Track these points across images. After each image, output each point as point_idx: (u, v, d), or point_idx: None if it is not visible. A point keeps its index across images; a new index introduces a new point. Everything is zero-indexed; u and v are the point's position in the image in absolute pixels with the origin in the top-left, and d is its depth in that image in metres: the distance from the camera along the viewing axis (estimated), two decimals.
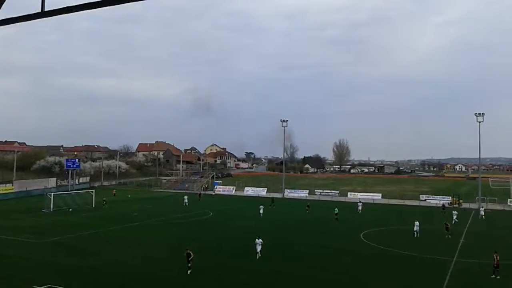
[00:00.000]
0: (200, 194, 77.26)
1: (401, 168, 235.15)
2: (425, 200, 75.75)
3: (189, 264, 25.36)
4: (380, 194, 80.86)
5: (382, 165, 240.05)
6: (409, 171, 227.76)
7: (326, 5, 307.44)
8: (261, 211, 52.25)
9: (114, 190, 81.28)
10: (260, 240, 30.03)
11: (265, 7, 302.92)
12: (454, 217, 48.12)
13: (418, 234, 39.16)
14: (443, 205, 63.96)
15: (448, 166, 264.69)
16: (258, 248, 29.73)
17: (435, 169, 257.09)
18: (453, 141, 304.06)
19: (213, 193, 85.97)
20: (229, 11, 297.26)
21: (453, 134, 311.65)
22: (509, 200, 70.94)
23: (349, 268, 28.18)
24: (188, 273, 25.09)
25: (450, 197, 73.00)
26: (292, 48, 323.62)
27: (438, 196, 76.22)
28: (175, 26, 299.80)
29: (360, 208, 57.59)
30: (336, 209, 51.73)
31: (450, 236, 38.91)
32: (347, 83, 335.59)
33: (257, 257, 29.36)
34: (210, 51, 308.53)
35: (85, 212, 54.24)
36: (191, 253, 25.57)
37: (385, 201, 75.54)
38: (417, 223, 40.06)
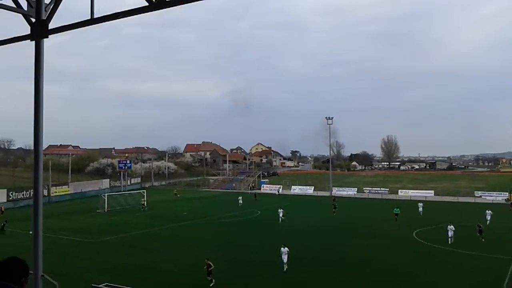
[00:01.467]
0: (255, 194, 74.07)
1: (453, 164, 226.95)
2: (480, 196, 72.59)
3: (209, 277, 23.44)
4: (433, 191, 78.34)
5: (433, 161, 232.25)
6: (463, 166, 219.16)
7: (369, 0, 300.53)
8: (281, 215, 47.08)
9: (175, 190, 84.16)
10: (286, 248, 26.64)
11: (307, 3, 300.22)
12: (488, 217, 43.65)
13: (452, 240, 34.27)
14: None
15: (504, 160, 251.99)
16: (285, 258, 26.26)
17: (490, 164, 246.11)
18: (509, 134, 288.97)
19: (278, 193, 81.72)
20: (270, 10, 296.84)
21: (509, 127, 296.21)
22: None
23: (402, 267, 27.37)
24: (211, 286, 23.23)
25: (507, 193, 69.60)
26: (336, 44, 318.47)
27: (494, 192, 72.86)
28: (217, 27, 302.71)
29: (421, 209, 52.01)
30: (397, 209, 47.98)
31: (483, 240, 34.19)
32: (394, 78, 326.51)
33: (284, 269, 26.03)
34: (252, 51, 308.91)
35: (137, 212, 55.96)
36: (211, 264, 23.63)
37: (438, 198, 73.04)
38: (451, 227, 34.96)
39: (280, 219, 46.64)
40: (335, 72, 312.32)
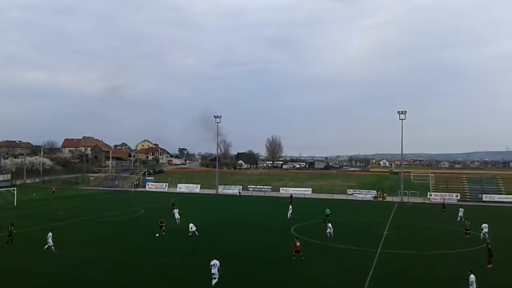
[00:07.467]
0: (173, 202, 52.63)
1: (330, 164, 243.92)
2: (352, 194, 79.13)
3: None
4: (310, 189, 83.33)
5: (312, 161, 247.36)
6: (338, 166, 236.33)
7: (263, 5, 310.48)
8: (178, 216, 43.77)
9: (54, 187, 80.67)
10: (216, 261, 22.65)
11: (203, 3, 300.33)
12: (460, 213, 47.09)
13: (332, 235, 36.23)
14: (443, 204, 58.67)
15: (374, 161, 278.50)
16: (215, 272, 22.41)
17: (361, 164, 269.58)
18: (378, 137, 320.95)
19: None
20: (167, 6, 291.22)
21: (378, 131, 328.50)
22: (428, 193, 75.95)
23: (278, 262, 28.73)
24: None
25: (375, 191, 76.82)
26: (229, 46, 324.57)
27: (364, 190, 79.94)
28: (111, 19, 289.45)
29: (290, 211, 48.51)
30: (328, 210, 46.30)
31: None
32: (282, 81, 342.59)
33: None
34: (146, 45, 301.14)
35: (6, 211, 50.95)
36: None
37: (315, 195, 77.89)
38: (329, 224, 37.20)
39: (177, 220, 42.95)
40: (227, 72, 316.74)
